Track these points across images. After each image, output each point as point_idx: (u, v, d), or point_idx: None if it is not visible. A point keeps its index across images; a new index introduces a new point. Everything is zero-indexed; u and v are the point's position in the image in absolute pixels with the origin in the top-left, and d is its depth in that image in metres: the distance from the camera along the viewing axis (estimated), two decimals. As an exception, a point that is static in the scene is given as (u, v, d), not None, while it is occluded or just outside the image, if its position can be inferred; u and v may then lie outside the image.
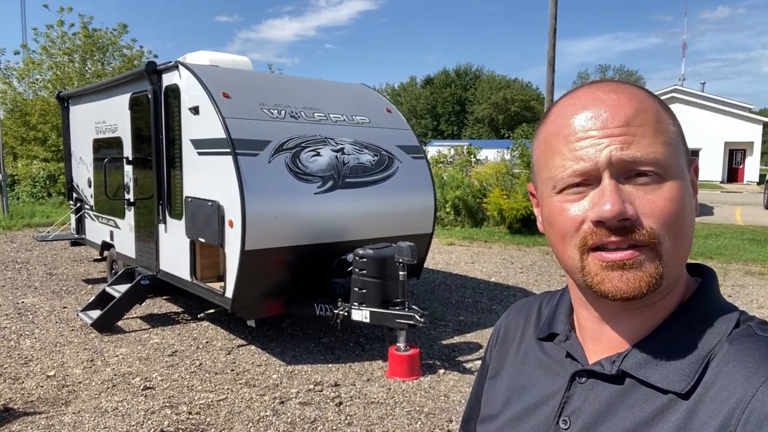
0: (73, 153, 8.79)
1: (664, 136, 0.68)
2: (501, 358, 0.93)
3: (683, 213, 0.68)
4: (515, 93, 63.60)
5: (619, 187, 0.67)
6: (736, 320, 0.70)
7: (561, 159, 0.70)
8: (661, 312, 0.72)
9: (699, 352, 0.69)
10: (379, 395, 4.50)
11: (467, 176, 15.09)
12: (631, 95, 0.70)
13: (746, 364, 0.65)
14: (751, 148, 35.09)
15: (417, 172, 6.19)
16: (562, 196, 0.71)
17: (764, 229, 13.52)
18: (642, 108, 0.69)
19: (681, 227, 0.68)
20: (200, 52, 6.55)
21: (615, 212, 0.65)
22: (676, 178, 0.68)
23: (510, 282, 8.43)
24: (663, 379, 0.68)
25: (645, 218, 0.66)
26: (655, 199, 0.66)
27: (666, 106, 0.72)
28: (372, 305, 4.94)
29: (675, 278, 0.70)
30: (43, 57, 21.60)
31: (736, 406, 0.62)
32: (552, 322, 0.86)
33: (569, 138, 0.70)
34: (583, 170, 0.68)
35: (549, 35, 16.37)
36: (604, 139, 0.67)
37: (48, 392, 4.49)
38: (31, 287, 7.83)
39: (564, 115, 0.72)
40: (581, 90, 0.73)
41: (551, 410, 0.77)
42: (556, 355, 0.82)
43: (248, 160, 4.90)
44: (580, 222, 0.69)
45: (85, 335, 5.83)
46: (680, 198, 0.67)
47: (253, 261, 4.86)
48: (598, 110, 0.69)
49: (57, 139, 19.73)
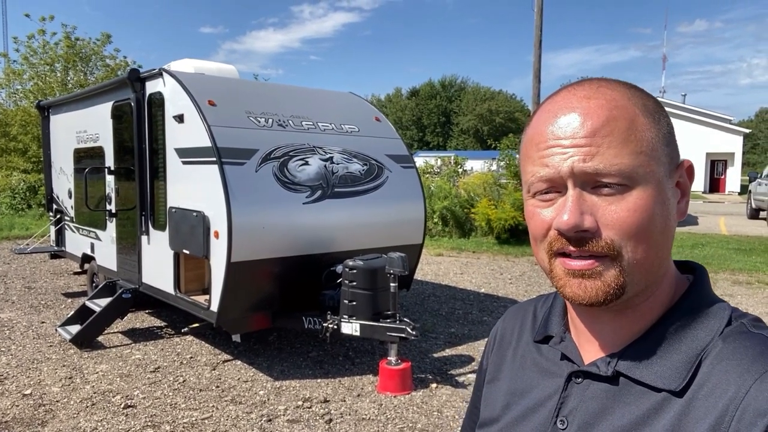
0: (54, 163, 8.58)
1: (633, 145, 0.68)
2: (498, 362, 0.93)
3: (649, 221, 0.68)
4: (500, 104, 64.11)
5: (582, 198, 0.68)
6: (728, 317, 0.71)
7: (532, 165, 0.73)
8: (649, 311, 0.73)
9: (692, 350, 0.69)
10: (370, 411, 4.35)
11: (455, 187, 15.04)
12: (606, 101, 0.70)
13: (739, 361, 0.65)
14: (732, 158, 35.66)
15: (407, 181, 6.09)
16: (535, 200, 0.73)
17: (749, 238, 13.63)
18: (613, 116, 0.68)
19: (646, 236, 0.68)
20: (185, 60, 6.42)
21: (570, 224, 0.67)
22: (646, 186, 0.68)
23: (500, 293, 8.34)
24: (656, 377, 0.69)
25: (605, 229, 0.67)
26: (618, 210, 0.67)
27: (650, 109, 0.71)
28: (362, 318, 4.81)
29: (645, 284, 0.71)
30: (24, 67, 21.27)
31: (730, 402, 0.63)
32: (547, 325, 0.87)
33: (540, 145, 0.72)
34: (548, 177, 0.70)
35: (534, 46, 16.47)
36: (569, 149, 0.68)
37: (24, 412, 4.29)
38: (8, 301, 7.57)
39: (539, 121, 0.73)
40: (560, 94, 0.74)
41: (549, 411, 0.78)
42: (553, 357, 0.83)
43: (234, 169, 4.77)
44: (547, 228, 0.71)
45: (64, 351, 5.62)
46: (646, 207, 0.67)
47: (239, 273, 4.71)
48: (568, 118, 0.70)
49: (38, 150, 19.35)
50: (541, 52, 16.35)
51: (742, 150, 36.15)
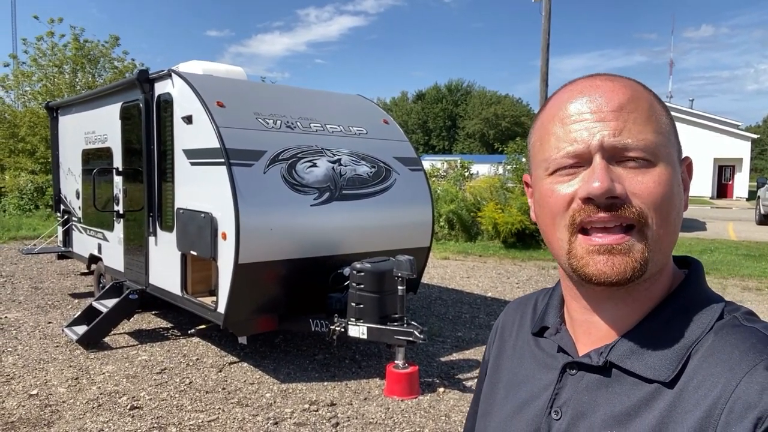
0: (62, 164, 8.60)
1: (655, 124, 0.70)
2: (499, 354, 0.95)
3: (671, 197, 0.69)
4: (506, 108, 63.92)
5: (610, 168, 0.68)
6: (721, 310, 0.72)
7: (556, 140, 0.72)
8: (646, 302, 0.74)
9: (683, 342, 0.70)
10: (377, 415, 4.32)
11: (461, 190, 15.00)
12: (627, 84, 0.72)
13: (731, 354, 0.66)
14: (740, 164, 35.42)
15: (415, 184, 6.06)
16: (554, 177, 0.73)
17: (758, 244, 13.51)
18: (636, 96, 0.71)
19: (668, 212, 0.69)
20: (193, 62, 6.42)
21: (603, 188, 0.67)
22: (666, 165, 0.69)
23: (507, 296, 8.29)
24: (647, 368, 0.69)
25: (634, 198, 0.68)
26: (645, 180, 0.68)
27: (660, 100, 0.74)
28: (369, 321, 4.78)
29: (660, 266, 0.72)
30: (33, 68, 21.38)
31: (721, 395, 0.63)
32: (544, 316, 0.87)
33: (564, 120, 0.72)
34: (576, 152, 0.70)
35: (542, 51, 16.43)
36: (597, 123, 0.69)
37: (30, 412, 4.28)
38: (15, 302, 7.58)
39: (561, 100, 0.74)
40: (579, 79, 0.76)
41: (544, 402, 0.79)
42: (549, 349, 0.83)
43: (243, 170, 4.76)
44: (569, 201, 0.71)
45: (71, 352, 5.61)
46: (669, 182, 0.69)
47: (246, 275, 4.69)
48: (593, 95, 0.71)
49: (45, 151, 19.44)
50: (549, 56, 16.31)
51: (750, 156, 35.92)
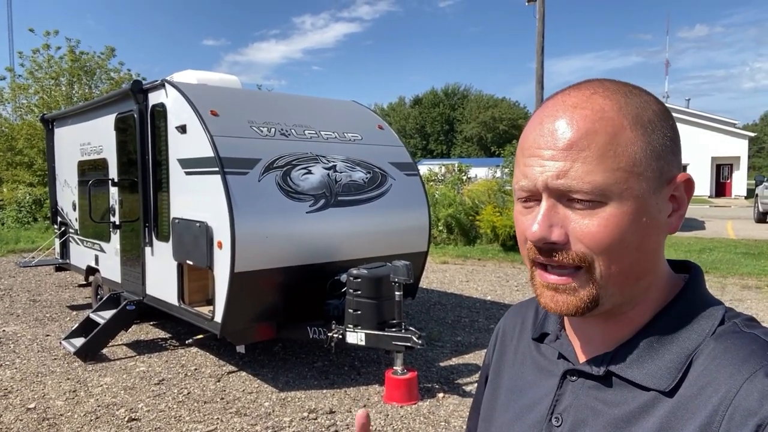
0: (58, 176, 8.60)
1: (611, 161, 0.66)
2: (500, 359, 0.94)
3: (621, 238, 0.67)
4: (503, 112, 64.08)
5: (555, 210, 0.69)
6: (721, 317, 0.71)
7: (517, 170, 0.74)
8: (640, 316, 0.73)
9: (683, 349, 0.69)
10: (376, 422, 4.30)
11: (459, 194, 15.00)
12: (592, 112, 0.68)
13: (730, 360, 0.65)
14: (738, 162, 35.49)
15: (411, 189, 6.06)
16: (519, 205, 0.74)
17: (757, 242, 13.51)
18: (593, 129, 0.67)
19: (619, 252, 0.67)
20: (188, 71, 6.43)
21: (537, 236, 0.68)
22: (621, 203, 0.67)
23: (506, 300, 8.28)
24: (646, 377, 0.69)
25: (576, 243, 0.68)
26: (589, 225, 0.67)
27: (644, 120, 0.69)
28: (367, 327, 4.77)
29: (625, 297, 0.71)
30: (29, 81, 21.42)
31: (721, 402, 0.62)
32: (544, 322, 0.87)
33: (524, 152, 0.72)
34: (527, 188, 0.71)
35: (537, 53, 16.47)
36: (547, 161, 0.68)
37: (28, 426, 4.25)
38: (13, 315, 7.56)
39: (530, 127, 0.74)
40: (554, 98, 0.73)
41: (544, 409, 0.79)
42: (550, 355, 0.83)
43: (237, 178, 4.75)
44: (526, 236, 0.72)
45: (68, 364, 5.59)
46: (618, 224, 0.67)
47: (243, 283, 4.68)
48: (550, 127, 0.69)
49: (43, 164, 19.43)
50: (544, 58, 16.34)
51: (747, 154, 35.97)
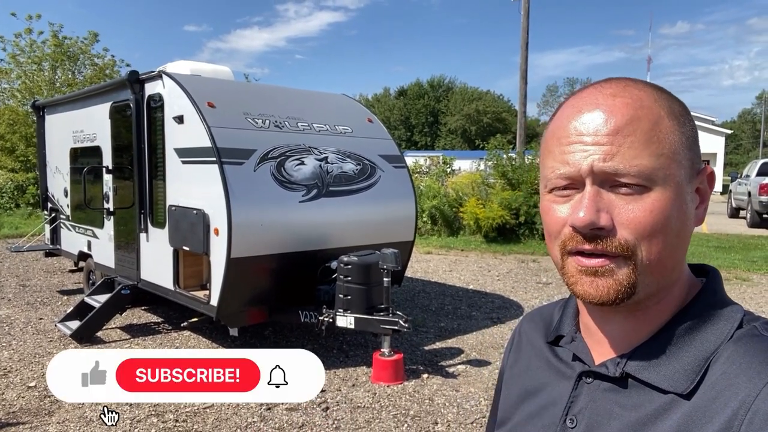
0: (49, 163, 8.66)
1: (655, 146, 0.68)
2: (516, 362, 0.95)
3: (665, 223, 0.68)
4: (487, 105, 64.48)
5: (600, 196, 0.68)
6: (739, 320, 0.71)
7: (552, 160, 0.72)
8: (658, 315, 0.73)
9: (701, 352, 0.69)
10: (365, 400, 4.56)
11: (443, 186, 15.28)
12: (632, 100, 0.70)
13: (749, 364, 0.65)
14: (714, 159, 36.22)
15: (399, 180, 6.30)
16: (552, 195, 0.73)
17: (728, 236, 14.01)
18: (637, 116, 0.68)
19: (662, 238, 0.68)
20: (180, 62, 6.56)
21: (586, 221, 0.67)
22: (665, 188, 0.68)
23: (488, 289, 8.58)
24: (664, 380, 0.69)
25: (621, 228, 0.67)
26: (635, 210, 0.67)
27: (676, 112, 0.72)
28: (357, 311, 5.01)
29: (658, 286, 0.71)
30: (11, 66, 21.17)
31: (740, 406, 0.62)
32: (560, 325, 0.88)
33: (561, 140, 0.71)
34: (568, 174, 0.70)
35: (521, 48, 16.77)
36: (591, 146, 0.68)
37: (30, 403, 4.44)
38: (4, 299, 7.67)
39: (563, 116, 0.73)
40: (586, 90, 0.74)
41: (559, 410, 0.79)
42: (565, 357, 0.84)
43: (234, 168, 4.95)
44: (562, 224, 0.71)
45: (64, 346, 5.75)
46: (663, 209, 0.67)
47: (238, 269, 4.89)
48: (591, 115, 0.70)
49: (26, 149, 19.31)
50: (528, 53, 16.64)
51: (724, 150, 36.72)
